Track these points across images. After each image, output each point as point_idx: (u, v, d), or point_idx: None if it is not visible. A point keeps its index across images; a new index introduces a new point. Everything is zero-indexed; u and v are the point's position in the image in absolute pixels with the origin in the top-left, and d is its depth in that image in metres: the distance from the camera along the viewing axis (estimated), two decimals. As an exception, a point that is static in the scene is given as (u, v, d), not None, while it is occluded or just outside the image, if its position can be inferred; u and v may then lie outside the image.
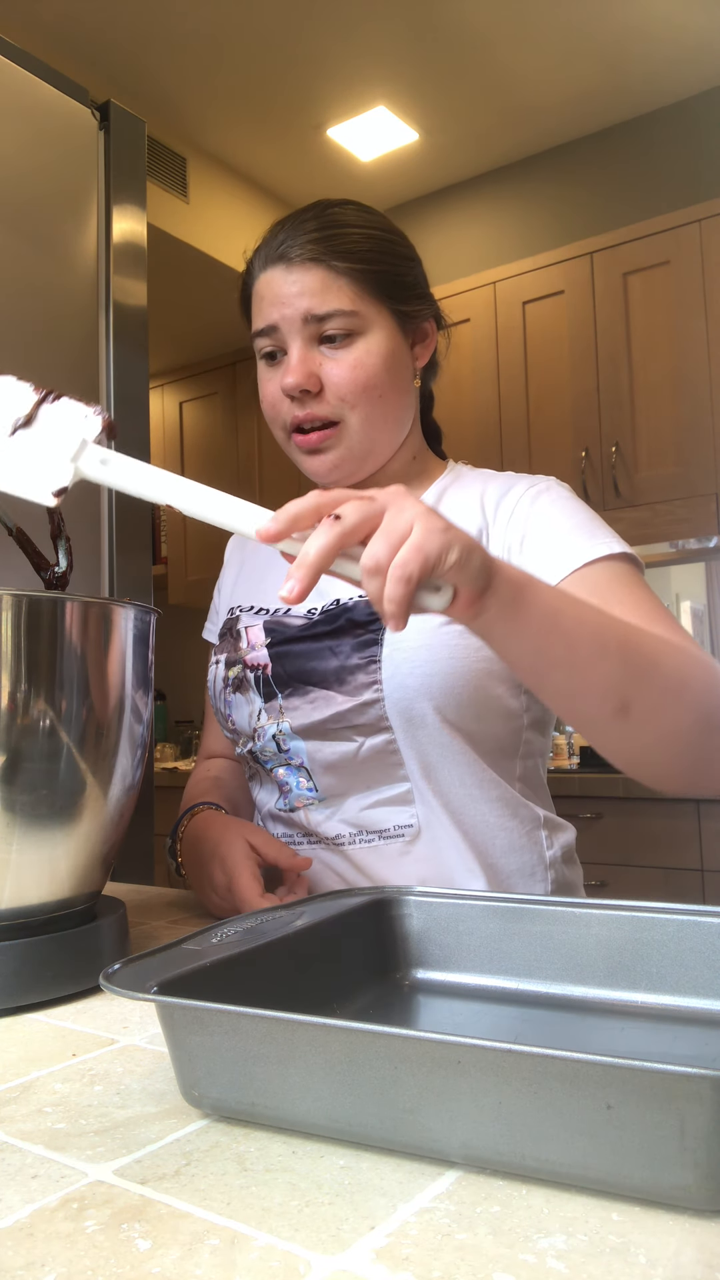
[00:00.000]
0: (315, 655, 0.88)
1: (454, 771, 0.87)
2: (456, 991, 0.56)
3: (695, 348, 2.57)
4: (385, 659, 0.85)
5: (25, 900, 0.61)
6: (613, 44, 2.72)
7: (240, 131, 3.07)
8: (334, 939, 0.55)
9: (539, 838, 0.91)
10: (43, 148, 1.52)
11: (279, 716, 0.90)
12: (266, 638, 0.92)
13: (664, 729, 0.71)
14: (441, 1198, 0.35)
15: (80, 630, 0.61)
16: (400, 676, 0.84)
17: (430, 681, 0.84)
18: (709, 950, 0.51)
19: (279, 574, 0.96)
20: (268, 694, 0.90)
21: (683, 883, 2.23)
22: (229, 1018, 0.40)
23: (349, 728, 0.86)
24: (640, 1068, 0.32)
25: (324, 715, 0.86)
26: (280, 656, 0.90)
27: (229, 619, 1.00)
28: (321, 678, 0.87)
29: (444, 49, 2.72)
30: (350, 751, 0.86)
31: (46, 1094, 0.46)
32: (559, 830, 0.94)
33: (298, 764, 0.89)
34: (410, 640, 0.85)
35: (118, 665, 0.64)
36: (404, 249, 0.94)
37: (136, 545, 1.62)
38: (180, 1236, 0.33)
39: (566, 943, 0.54)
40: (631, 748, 0.73)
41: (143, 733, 0.68)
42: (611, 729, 0.71)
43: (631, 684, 0.69)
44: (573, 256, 2.78)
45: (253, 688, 0.92)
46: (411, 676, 0.84)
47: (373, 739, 0.86)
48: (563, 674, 0.68)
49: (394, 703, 0.84)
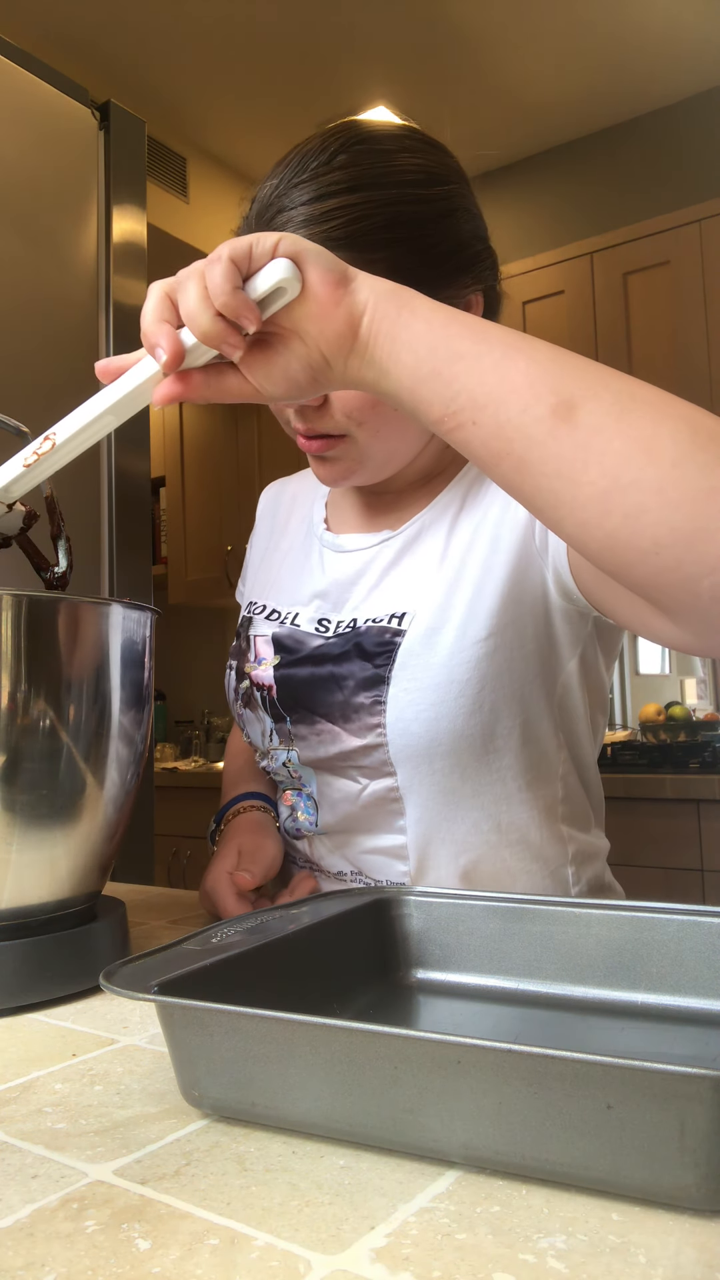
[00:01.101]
0: (321, 686, 0.81)
1: (466, 821, 0.79)
2: (456, 991, 0.56)
3: (695, 348, 2.57)
4: (391, 700, 0.77)
5: (25, 900, 0.61)
6: (613, 44, 2.72)
7: (240, 131, 3.06)
8: (334, 939, 0.55)
9: (564, 875, 0.83)
10: (43, 148, 1.52)
11: (289, 742, 0.85)
12: (275, 655, 0.86)
13: (635, 439, 0.50)
14: (441, 1198, 0.35)
15: (80, 630, 0.61)
16: (405, 722, 0.76)
17: (437, 726, 0.76)
18: (709, 950, 0.51)
19: (297, 567, 0.92)
20: (276, 715, 0.85)
21: (683, 883, 2.23)
22: (229, 1018, 0.40)
23: (354, 767, 0.80)
24: (640, 1068, 0.32)
25: (330, 753, 0.81)
26: (285, 681, 0.84)
27: (244, 617, 0.95)
28: (327, 710, 0.80)
29: (444, 49, 2.72)
30: (354, 792, 0.81)
31: (46, 1094, 0.46)
32: (589, 862, 0.85)
33: (308, 792, 0.85)
34: (420, 679, 0.76)
35: (117, 665, 0.64)
36: (438, 202, 0.75)
37: (136, 545, 1.62)
38: (180, 1236, 0.33)
39: (566, 943, 0.54)
40: (595, 486, 0.50)
41: (142, 733, 0.68)
42: (554, 448, 0.51)
43: (574, 377, 0.52)
44: (573, 256, 2.78)
45: (261, 706, 0.87)
46: (417, 722, 0.76)
47: (375, 783, 0.80)
48: (471, 368, 0.53)
49: (398, 749, 0.77)
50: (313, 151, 0.74)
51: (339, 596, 0.85)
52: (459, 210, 0.77)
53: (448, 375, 0.53)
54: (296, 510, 0.99)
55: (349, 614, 0.84)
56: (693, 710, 2.81)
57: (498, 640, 0.77)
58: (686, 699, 2.94)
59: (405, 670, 0.77)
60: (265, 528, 1.03)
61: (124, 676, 0.65)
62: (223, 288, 0.52)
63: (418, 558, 0.82)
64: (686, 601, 0.51)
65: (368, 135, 0.75)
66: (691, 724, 2.70)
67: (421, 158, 0.76)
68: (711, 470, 0.49)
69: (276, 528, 1.01)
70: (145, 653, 0.68)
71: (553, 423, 0.51)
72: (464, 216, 0.77)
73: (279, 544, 0.98)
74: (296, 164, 0.74)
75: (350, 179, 0.72)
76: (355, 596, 0.84)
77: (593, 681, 0.84)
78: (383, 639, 0.79)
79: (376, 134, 0.76)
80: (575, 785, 0.85)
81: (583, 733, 0.84)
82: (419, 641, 0.77)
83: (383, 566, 0.84)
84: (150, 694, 0.69)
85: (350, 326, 0.55)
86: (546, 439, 0.51)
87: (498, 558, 0.78)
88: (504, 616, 0.77)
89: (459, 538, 0.81)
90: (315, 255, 0.55)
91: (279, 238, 0.54)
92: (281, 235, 0.54)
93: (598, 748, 0.88)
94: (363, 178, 0.72)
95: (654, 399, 0.52)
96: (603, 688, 0.86)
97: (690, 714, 2.77)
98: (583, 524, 0.52)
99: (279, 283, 0.53)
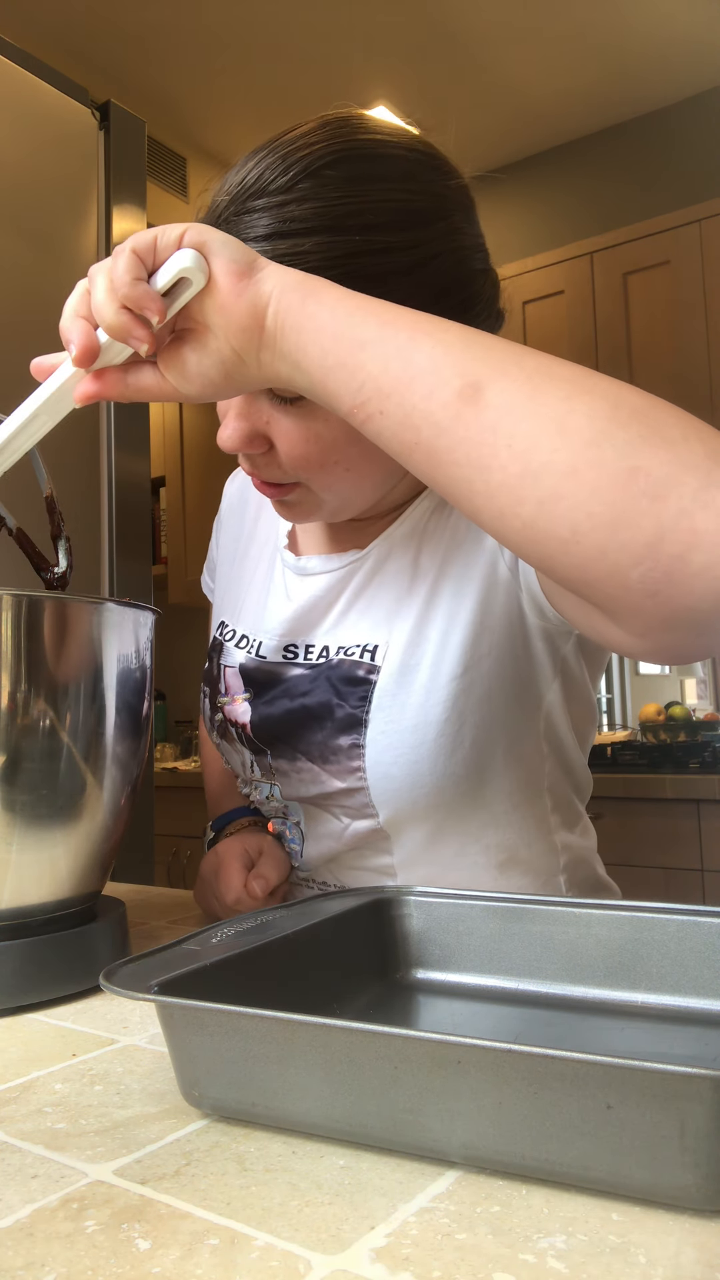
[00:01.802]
0: (298, 723, 0.77)
1: (452, 846, 0.77)
2: (456, 991, 0.56)
3: (695, 348, 2.57)
4: (369, 743, 0.73)
5: (25, 900, 0.61)
6: (612, 44, 2.72)
7: (240, 131, 3.07)
8: (334, 939, 0.55)
9: (557, 884, 0.82)
10: (43, 148, 1.52)
11: (270, 776, 0.82)
12: (246, 689, 0.82)
13: (546, 419, 0.46)
14: (441, 1198, 0.35)
15: (80, 631, 0.61)
16: (385, 765, 0.73)
17: (419, 769, 0.73)
18: (709, 950, 0.51)
19: (263, 587, 0.87)
20: (255, 749, 0.82)
21: (683, 883, 2.23)
22: (229, 1018, 0.40)
23: (337, 806, 0.78)
24: (640, 1068, 0.32)
25: (311, 793, 0.79)
26: (262, 720, 0.80)
27: (215, 638, 0.90)
28: (306, 748, 0.77)
29: (444, 49, 2.72)
30: (338, 829, 0.79)
31: (46, 1094, 0.46)
32: (580, 866, 0.84)
33: (295, 820, 0.83)
34: (397, 720, 0.73)
35: (117, 665, 0.64)
36: (412, 250, 0.65)
37: (136, 545, 1.62)
38: (180, 1236, 0.33)
39: (566, 943, 0.54)
40: (506, 472, 0.47)
41: (142, 733, 0.68)
42: (461, 433, 0.48)
43: (482, 357, 0.49)
44: (573, 256, 2.78)
45: (238, 740, 0.84)
46: (396, 765, 0.73)
47: (359, 822, 0.77)
48: (375, 355, 0.50)
49: (380, 793, 0.74)
50: (276, 165, 0.65)
51: (306, 622, 0.81)
52: (441, 255, 0.66)
53: (352, 364, 0.51)
54: (264, 514, 0.93)
55: (320, 641, 0.80)
56: (693, 710, 2.81)
57: (474, 674, 0.73)
58: (686, 699, 2.94)
59: (382, 712, 0.74)
60: (234, 523, 0.97)
61: (124, 676, 0.65)
62: (124, 279, 0.52)
63: (387, 580, 0.78)
64: (618, 596, 0.48)
65: (344, 154, 0.65)
66: (691, 724, 2.70)
67: (405, 189, 0.65)
68: (633, 450, 0.45)
69: (245, 531, 0.95)
70: (145, 653, 0.68)
71: (459, 406, 0.48)
72: (448, 261, 0.67)
73: (248, 550, 0.93)
74: (255, 176, 0.65)
75: (308, 216, 0.63)
76: (325, 623, 0.80)
77: (579, 695, 0.80)
78: (355, 674, 0.75)
79: (355, 152, 0.65)
80: (563, 787, 0.83)
81: (569, 742, 0.82)
82: (393, 680, 0.74)
83: (352, 592, 0.79)
84: (150, 694, 0.69)
85: (255, 318, 0.53)
86: (453, 424, 0.48)
87: (468, 585, 0.74)
88: (479, 648, 0.73)
89: (429, 554, 0.76)
90: (221, 245, 0.53)
91: (185, 228, 0.53)
92: (189, 225, 0.53)
93: (586, 747, 0.85)
94: (323, 216, 0.63)
95: (571, 374, 0.48)
96: (590, 700, 0.82)
97: (690, 714, 2.77)
98: (499, 514, 0.49)
99: (181, 273, 0.52)
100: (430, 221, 0.66)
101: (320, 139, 0.65)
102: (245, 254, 0.54)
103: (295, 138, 0.66)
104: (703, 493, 0.44)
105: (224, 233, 0.54)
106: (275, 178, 0.64)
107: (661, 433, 0.45)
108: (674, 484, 0.44)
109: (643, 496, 0.44)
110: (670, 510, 0.44)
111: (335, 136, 0.65)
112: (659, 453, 0.45)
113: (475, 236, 0.71)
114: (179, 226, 0.53)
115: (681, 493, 0.44)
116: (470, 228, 0.70)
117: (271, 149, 0.66)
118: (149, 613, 0.68)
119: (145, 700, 0.68)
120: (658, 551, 0.45)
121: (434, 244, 0.66)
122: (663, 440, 0.45)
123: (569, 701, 0.79)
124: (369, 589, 0.79)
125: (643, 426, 0.45)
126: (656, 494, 0.44)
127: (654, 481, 0.44)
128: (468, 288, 0.69)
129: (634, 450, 0.45)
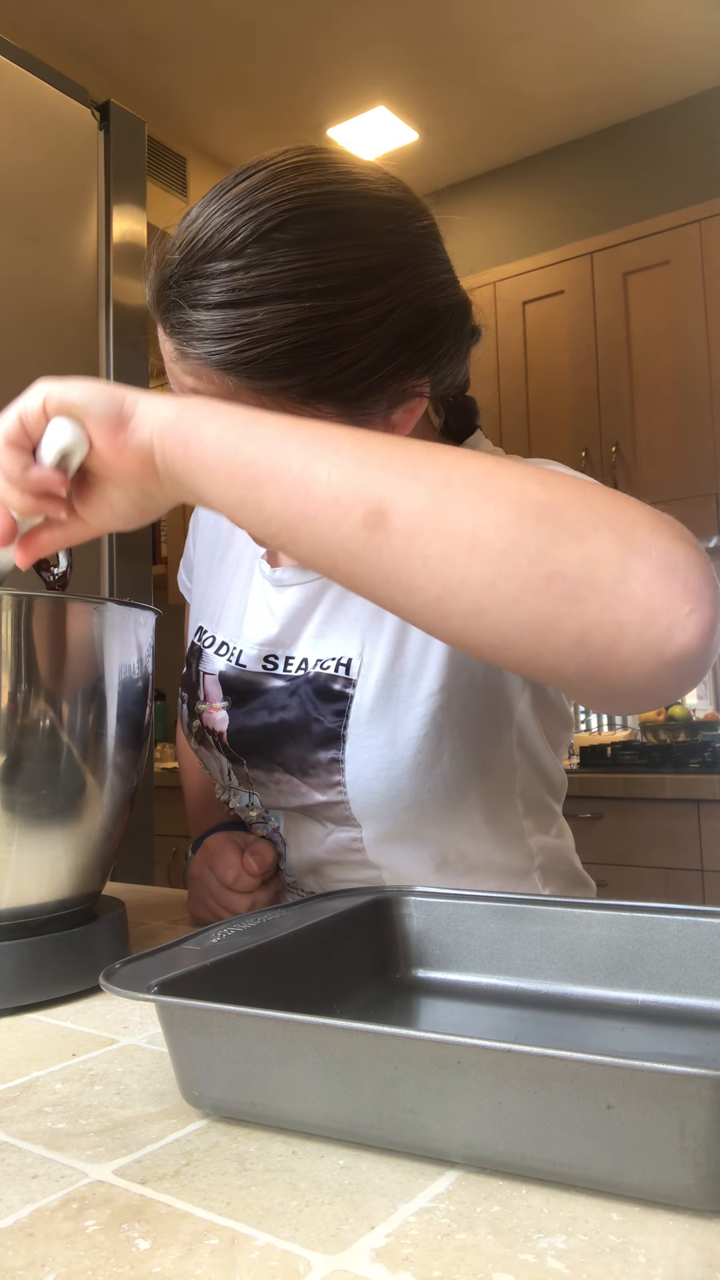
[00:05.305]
0: (275, 736, 0.78)
1: (433, 860, 0.79)
2: (456, 991, 0.56)
3: (695, 348, 2.57)
4: (349, 758, 0.74)
5: (25, 900, 0.61)
6: (613, 44, 2.72)
7: (240, 131, 3.07)
8: (334, 939, 0.55)
9: (533, 883, 0.83)
10: (43, 148, 1.52)
11: (248, 785, 0.82)
12: (224, 697, 0.82)
13: (454, 536, 0.46)
14: (441, 1198, 0.35)
15: (80, 631, 0.61)
16: (365, 780, 0.74)
17: (399, 783, 0.74)
18: (709, 950, 0.51)
19: (241, 595, 0.87)
20: (232, 758, 0.82)
21: (683, 883, 2.23)
22: (229, 1018, 0.40)
23: (319, 815, 0.79)
24: (640, 1068, 0.32)
25: (291, 804, 0.79)
26: (239, 730, 0.80)
27: (193, 644, 0.90)
28: (284, 760, 0.78)
29: (444, 49, 2.72)
30: (320, 836, 0.80)
31: (46, 1094, 0.46)
32: (554, 867, 0.85)
33: (275, 827, 0.84)
34: (376, 736, 0.74)
35: (117, 665, 0.64)
36: (372, 307, 0.62)
37: (136, 546, 1.62)
38: (180, 1236, 0.33)
39: (566, 943, 0.54)
40: (427, 593, 0.47)
41: (142, 733, 0.68)
42: (375, 560, 0.48)
43: (380, 476, 0.48)
44: (573, 256, 2.78)
45: (215, 748, 0.84)
46: (377, 780, 0.74)
47: (340, 830, 0.78)
48: (272, 493, 0.49)
49: (360, 806, 0.75)
50: (227, 222, 0.62)
51: (285, 634, 0.81)
52: (405, 305, 0.64)
53: (254, 502, 0.50)
54: None
55: (298, 653, 0.80)
56: (693, 710, 2.82)
57: (450, 690, 0.74)
58: (687, 699, 2.94)
59: (360, 727, 0.74)
60: (210, 525, 0.97)
61: (124, 677, 0.65)
62: (15, 472, 0.52)
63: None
64: (561, 683, 0.49)
65: (295, 212, 0.61)
66: (691, 724, 2.70)
67: (361, 245, 0.62)
68: (545, 555, 0.45)
69: (222, 535, 0.94)
70: (145, 653, 0.68)
71: (367, 535, 0.47)
72: (408, 310, 0.64)
73: (225, 555, 0.92)
74: (206, 236, 0.62)
75: (257, 285, 0.60)
76: (305, 635, 0.80)
77: (550, 704, 0.80)
78: (331, 688, 0.76)
79: (309, 210, 0.62)
80: (537, 790, 0.83)
81: (541, 746, 0.82)
82: (371, 696, 0.75)
83: (329, 603, 0.80)
84: (150, 694, 0.69)
85: (145, 466, 0.52)
86: (365, 551, 0.48)
87: None
88: (454, 663, 0.74)
89: None
90: (86, 402, 0.51)
91: (44, 395, 0.51)
92: (47, 391, 0.51)
93: (561, 750, 0.85)
94: (274, 283, 0.60)
95: (475, 479, 0.47)
96: (563, 707, 0.82)
97: (690, 714, 2.77)
98: (430, 627, 0.49)
99: (64, 449, 0.52)
100: (388, 276, 0.63)
101: (272, 194, 0.62)
102: (112, 403, 0.52)
103: (246, 190, 0.63)
104: (620, 586, 0.44)
105: (80, 382, 0.52)
106: (224, 241, 0.62)
107: (571, 529, 0.45)
108: (591, 583, 0.44)
109: (563, 601, 0.45)
110: (591, 609, 0.45)
111: (289, 190, 0.62)
112: (572, 553, 0.45)
113: (438, 274, 0.67)
114: (37, 394, 0.52)
115: (600, 589, 0.44)
116: (433, 266, 0.67)
117: (222, 200, 0.63)
118: (149, 613, 0.68)
119: (145, 701, 0.68)
120: (587, 648, 0.45)
121: (392, 298, 0.63)
122: (573, 537, 0.45)
123: (540, 710, 0.80)
124: (346, 600, 0.79)
125: (552, 526, 0.45)
126: (576, 596, 0.45)
127: (571, 584, 0.45)
128: (429, 331, 0.66)
129: (546, 555, 0.45)
